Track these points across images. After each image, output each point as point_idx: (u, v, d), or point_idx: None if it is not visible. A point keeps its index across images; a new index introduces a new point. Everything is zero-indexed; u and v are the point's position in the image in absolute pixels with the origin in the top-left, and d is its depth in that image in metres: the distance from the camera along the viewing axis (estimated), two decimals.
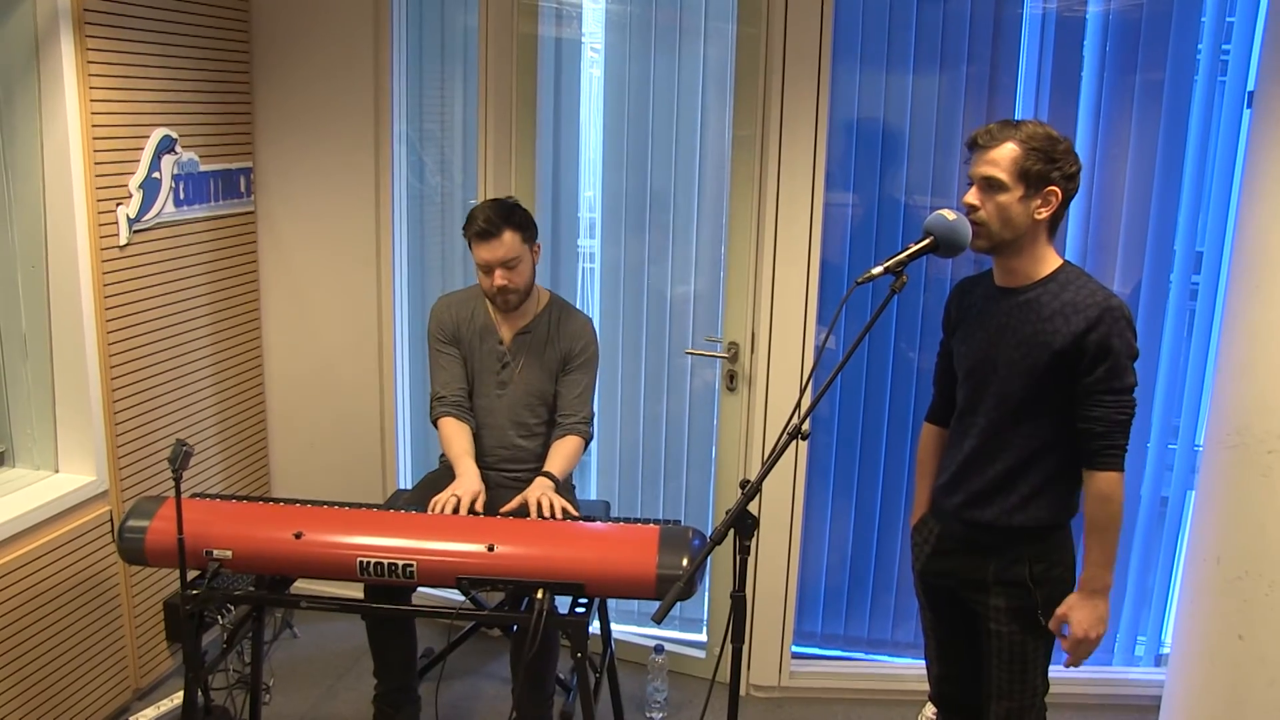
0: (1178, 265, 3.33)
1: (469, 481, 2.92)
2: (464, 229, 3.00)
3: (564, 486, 3.14)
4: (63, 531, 3.04)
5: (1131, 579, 3.54)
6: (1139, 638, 3.62)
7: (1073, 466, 2.26)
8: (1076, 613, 2.24)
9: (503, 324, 3.13)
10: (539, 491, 2.84)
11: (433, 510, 2.80)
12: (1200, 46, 3.17)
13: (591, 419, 3.13)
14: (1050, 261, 2.25)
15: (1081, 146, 3.25)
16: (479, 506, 2.85)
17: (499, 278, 2.97)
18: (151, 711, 3.27)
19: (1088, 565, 2.24)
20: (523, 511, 2.82)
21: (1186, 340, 3.39)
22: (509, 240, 2.94)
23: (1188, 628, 3.16)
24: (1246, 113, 3.11)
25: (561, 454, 3.03)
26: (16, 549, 2.89)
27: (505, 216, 2.95)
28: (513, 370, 3.11)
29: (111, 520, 3.19)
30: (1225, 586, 2.99)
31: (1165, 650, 3.55)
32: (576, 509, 3.17)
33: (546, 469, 2.97)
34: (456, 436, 3.08)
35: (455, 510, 2.80)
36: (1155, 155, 3.24)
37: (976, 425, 2.32)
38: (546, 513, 2.80)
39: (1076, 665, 2.30)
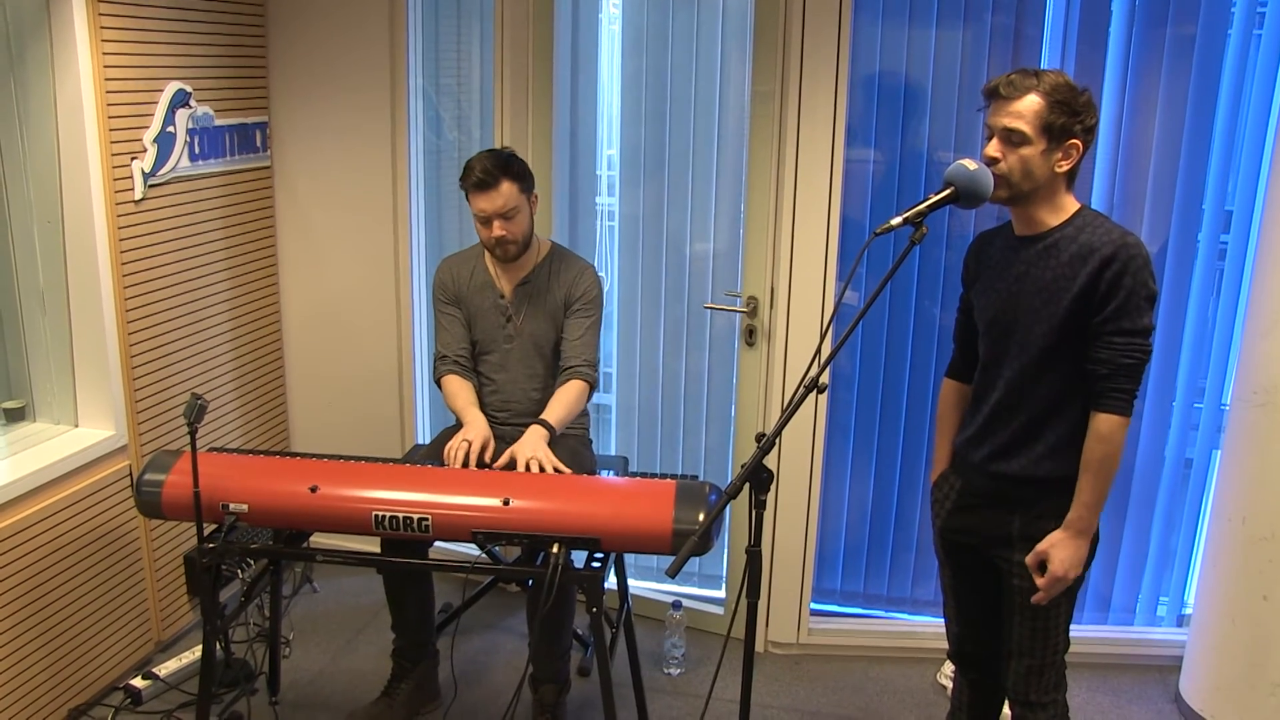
0: (1206, 224, 3.27)
1: (478, 427, 2.92)
2: (461, 180, 2.96)
3: (580, 441, 3.14)
4: (83, 485, 3.06)
5: (1154, 539, 3.51)
6: (1161, 598, 3.60)
7: None
8: (1058, 551, 2.22)
9: (502, 278, 3.11)
10: (529, 451, 2.79)
11: (447, 456, 2.81)
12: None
13: (597, 364, 3.10)
14: (1069, 208, 2.22)
15: (1109, 101, 3.19)
16: (488, 454, 2.86)
17: (497, 228, 2.94)
18: (173, 663, 3.31)
19: (1076, 505, 2.21)
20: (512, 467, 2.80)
21: (1214, 300, 3.34)
22: (507, 190, 2.91)
23: (1211, 588, 3.14)
24: None
25: (561, 401, 3.00)
26: (38, 503, 2.92)
27: (503, 167, 2.91)
28: (516, 323, 3.09)
29: (130, 474, 3.21)
30: (1250, 547, 2.96)
31: (1187, 611, 3.53)
32: (594, 464, 3.16)
33: (544, 417, 2.94)
34: (460, 391, 3.08)
35: (467, 455, 2.80)
36: (1185, 111, 3.17)
37: (1001, 377, 2.29)
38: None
39: (1044, 602, 2.27)
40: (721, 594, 3.78)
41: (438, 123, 3.84)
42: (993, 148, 2.18)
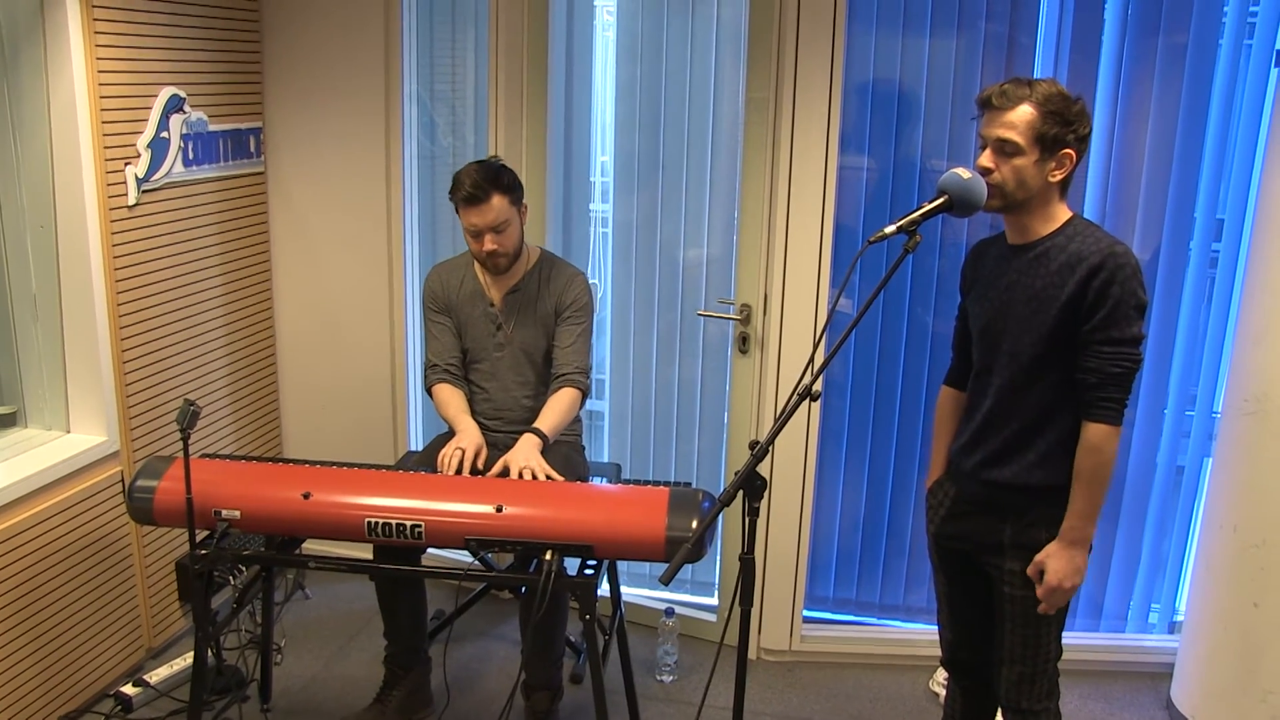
0: (1198, 232, 3.28)
1: (470, 434, 2.92)
2: (450, 193, 2.94)
3: (572, 447, 3.14)
4: (74, 491, 3.05)
5: (1146, 546, 3.52)
6: (1153, 605, 3.60)
7: None
8: (1054, 561, 2.22)
9: (492, 286, 3.10)
10: (522, 460, 2.78)
11: (440, 464, 2.81)
12: (1226, 8, 3.10)
13: (589, 371, 3.09)
14: (1060, 217, 2.23)
15: (1101, 110, 3.20)
16: (481, 461, 2.86)
17: (489, 242, 2.93)
18: (164, 670, 3.29)
19: (1070, 515, 2.21)
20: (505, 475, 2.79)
21: (1205, 308, 3.35)
22: (498, 204, 2.89)
23: (1202, 595, 3.15)
24: (1274, 72, 3.05)
25: (554, 409, 2.99)
26: (29, 509, 2.90)
27: (493, 181, 2.88)
28: (506, 331, 3.08)
29: (122, 480, 3.20)
30: (1241, 554, 2.97)
31: (1179, 618, 3.54)
32: (586, 470, 3.16)
33: (536, 425, 2.93)
34: (451, 399, 3.07)
35: (460, 462, 2.80)
36: (1177, 120, 3.19)
37: (992, 385, 2.30)
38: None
39: (1049, 613, 2.28)
40: (714, 601, 3.77)
41: (432, 128, 3.84)
42: (986, 158, 2.19)
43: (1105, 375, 2.14)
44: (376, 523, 2.54)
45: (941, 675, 3.38)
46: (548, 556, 2.48)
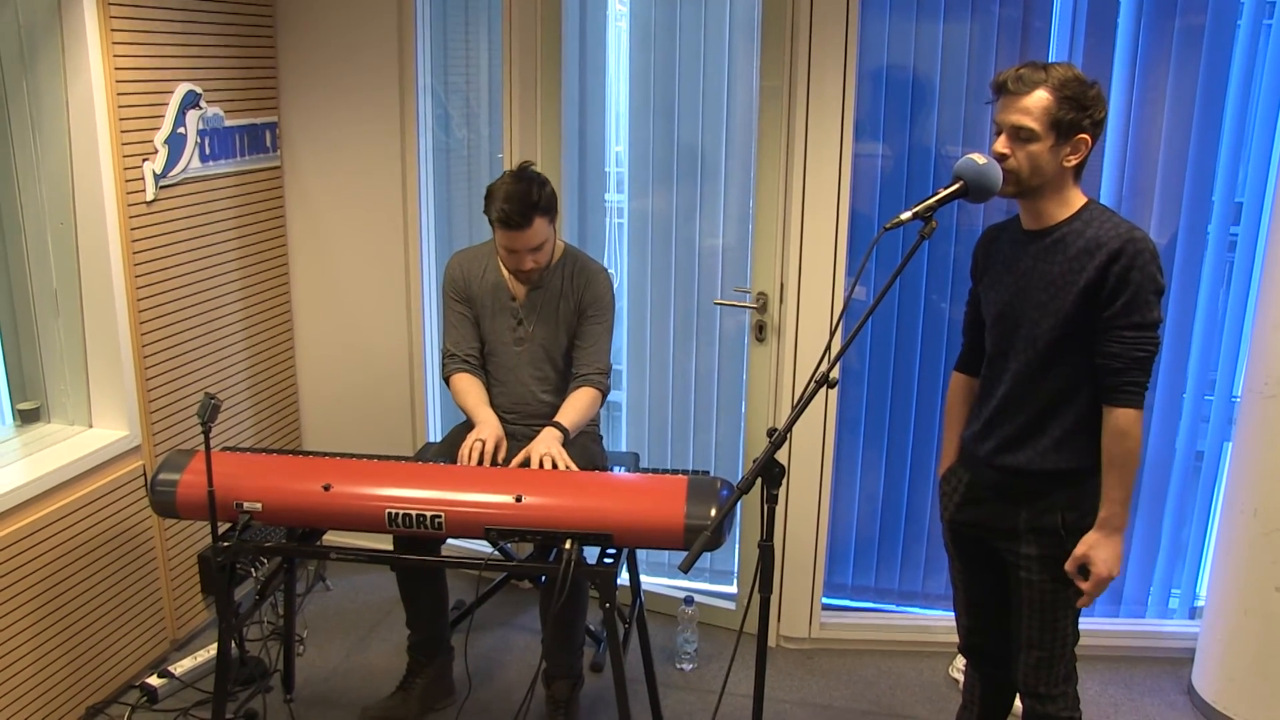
0: (1216, 216, 3.26)
1: (490, 426, 2.93)
2: (486, 210, 2.91)
3: (590, 437, 3.14)
4: (97, 486, 3.08)
5: (1166, 532, 3.51)
6: (1173, 590, 3.59)
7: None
8: (1099, 552, 2.21)
9: (515, 280, 3.10)
10: (543, 449, 2.79)
11: (461, 458, 2.82)
12: None
13: (608, 371, 3.09)
14: (1076, 202, 2.22)
15: (1117, 94, 3.18)
16: (501, 453, 2.87)
17: (528, 261, 2.93)
18: (189, 662, 3.33)
19: (1107, 503, 2.21)
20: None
21: (1224, 292, 3.33)
22: (538, 226, 2.87)
23: (1223, 580, 3.14)
24: None
25: (574, 405, 2.99)
26: (52, 503, 2.93)
27: (533, 205, 2.84)
28: (528, 326, 3.08)
29: (144, 474, 3.23)
30: (1261, 539, 2.96)
31: (1199, 603, 3.53)
32: (605, 460, 3.17)
33: (557, 419, 2.93)
34: (470, 389, 3.07)
35: (481, 454, 2.81)
36: (1194, 103, 3.16)
37: (1008, 370, 2.30)
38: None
39: (1089, 604, 2.27)
40: (733, 589, 3.78)
41: (447, 121, 3.85)
42: (1001, 144, 2.18)
43: (1129, 360, 2.14)
44: (397, 514, 2.56)
45: (961, 661, 3.38)
46: (567, 545, 2.49)
